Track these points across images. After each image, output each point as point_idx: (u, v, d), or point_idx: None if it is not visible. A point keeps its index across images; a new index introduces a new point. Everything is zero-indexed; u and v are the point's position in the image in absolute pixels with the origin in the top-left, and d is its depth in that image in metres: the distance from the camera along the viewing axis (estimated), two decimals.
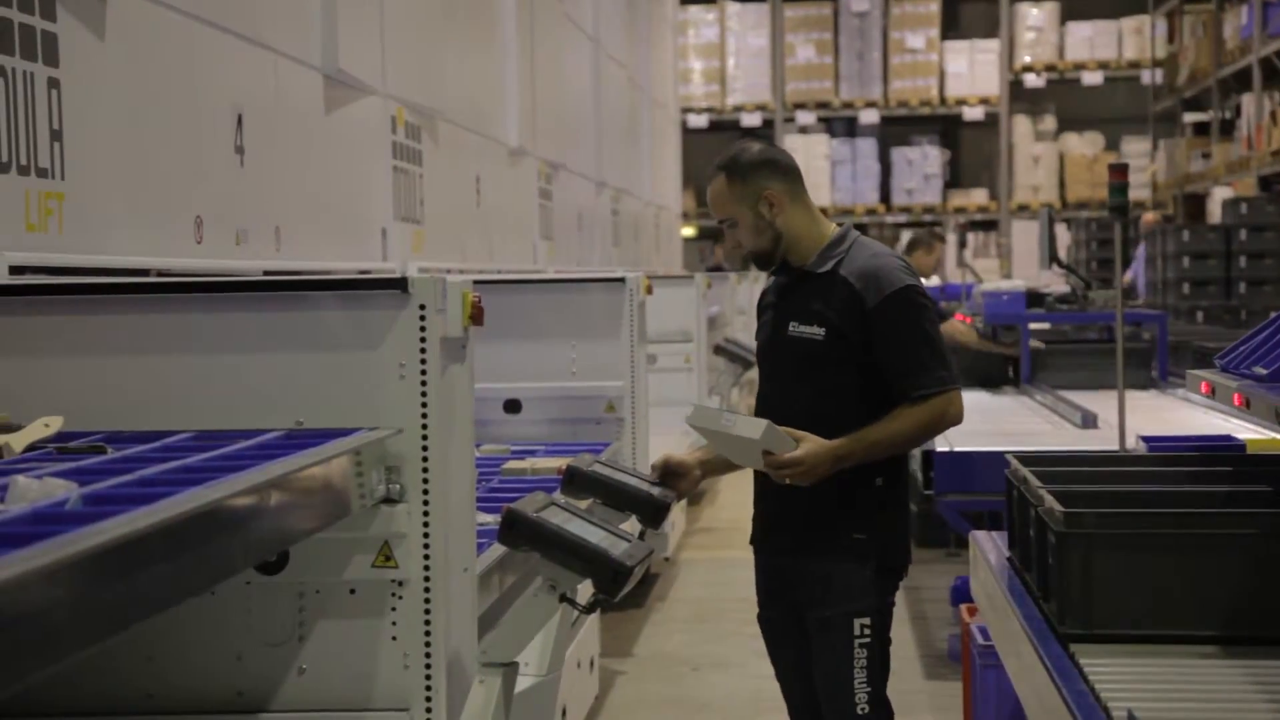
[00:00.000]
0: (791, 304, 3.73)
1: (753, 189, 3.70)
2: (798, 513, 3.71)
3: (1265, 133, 15.39)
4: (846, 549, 3.66)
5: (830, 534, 3.67)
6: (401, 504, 2.76)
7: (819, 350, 3.63)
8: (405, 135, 5.84)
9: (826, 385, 3.63)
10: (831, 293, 3.65)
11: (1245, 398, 3.31)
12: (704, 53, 21.14)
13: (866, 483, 3.65)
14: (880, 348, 3.60)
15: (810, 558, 3.70)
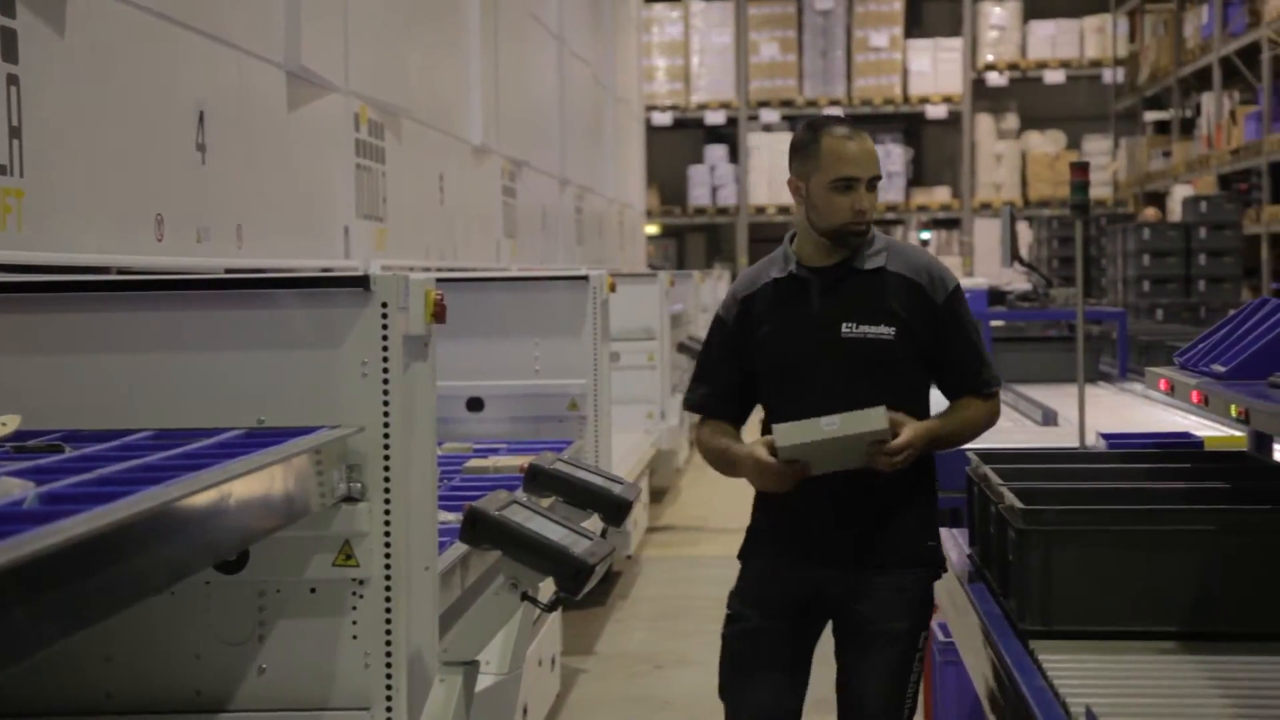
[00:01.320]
0: (838, 304, 3.44)
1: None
2: (871, 521, 3.43)
3: (1225, 131, 15.50)
4: (919, 557, 3.42)
5: (909, 541, 3.42)
6: (363, 503, 2.76)
7: (889, 350, 3.40)
8: (368, 133, 5.82)
9: (897, 385, 3.39)
10: (889, 290, 3.44)
11: (1203, 395, 3.33)
12: (668, 50, 21.15)
13: (929, 488, 3.47)
14: (950, 344, 3.44)
15: (885, 569, 3.40)
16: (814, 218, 3.45)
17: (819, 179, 3.43)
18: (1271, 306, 3.49)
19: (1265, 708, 2.58)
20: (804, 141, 3.49)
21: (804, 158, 3.47)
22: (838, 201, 3.40)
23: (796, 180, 3.49)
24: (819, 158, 3.44)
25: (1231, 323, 3.66)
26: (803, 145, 3.49)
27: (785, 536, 3.52)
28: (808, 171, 3.45)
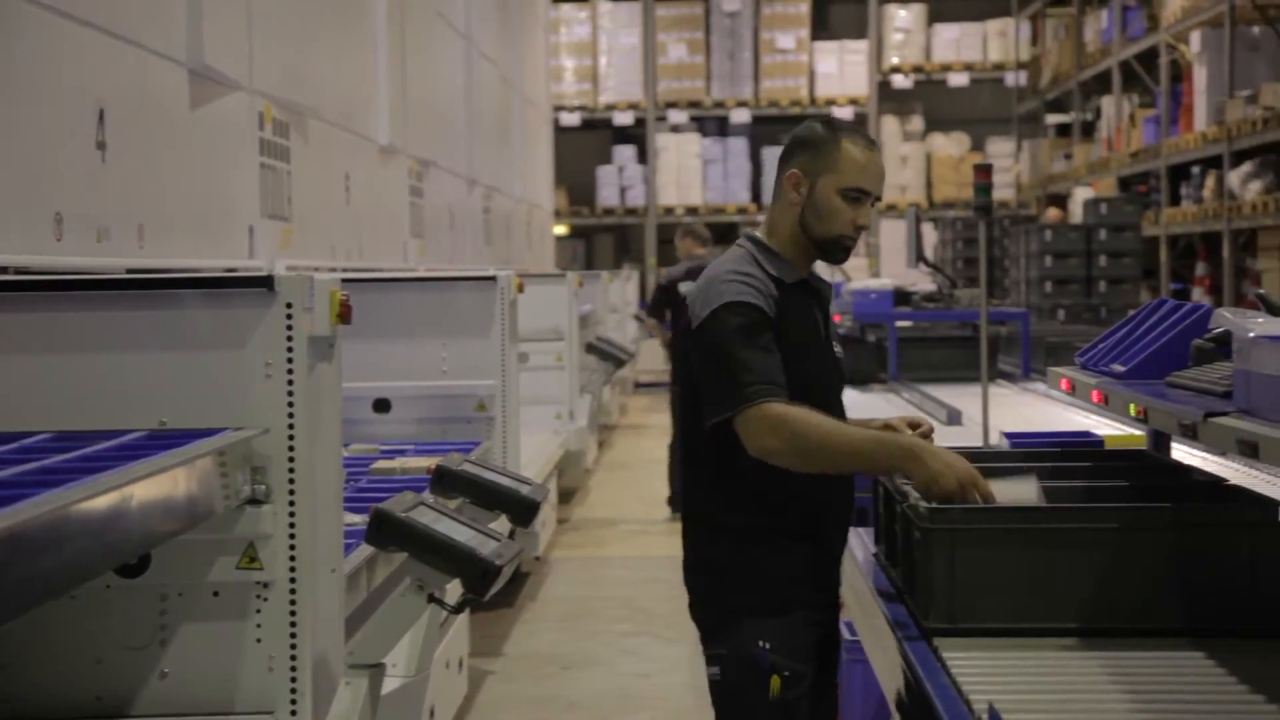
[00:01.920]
0: (826, 320, 3.30)
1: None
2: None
3: (1124, 134, 15.74)
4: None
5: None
6: (267, 505, 2.74)
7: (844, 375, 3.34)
8: (273, 132, 5.77)
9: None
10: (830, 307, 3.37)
11: (1104, 394, 3.38)
12: (576, 51, 21.15)
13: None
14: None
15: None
16: (811, 220, 3.20)
17: (830, 181, 3.18)
18: (1169, 307, 3.55)
19: (1163, 702, 2.63)
20: (820, 139, 3.21)
21: (816, 155, 3.20)
22: (843, 210, 3.18)
23: (800, 176, 3.20)
24: (836, 159, 3.19)
25: (1131, 323, 3.71)
26: (817, 143, 3.21)
27: (818, 575, 3.19)
28: (818, 170, 3.19)
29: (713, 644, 3.13)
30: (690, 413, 3.18)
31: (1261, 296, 3.31)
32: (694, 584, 3.22)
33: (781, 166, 3.25)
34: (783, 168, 3.24)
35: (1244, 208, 12.04)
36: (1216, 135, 12.60)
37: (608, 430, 14.30)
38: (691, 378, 3.17)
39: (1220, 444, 2.60)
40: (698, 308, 3.14)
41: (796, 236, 3.22)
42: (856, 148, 3.21)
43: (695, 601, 3.22)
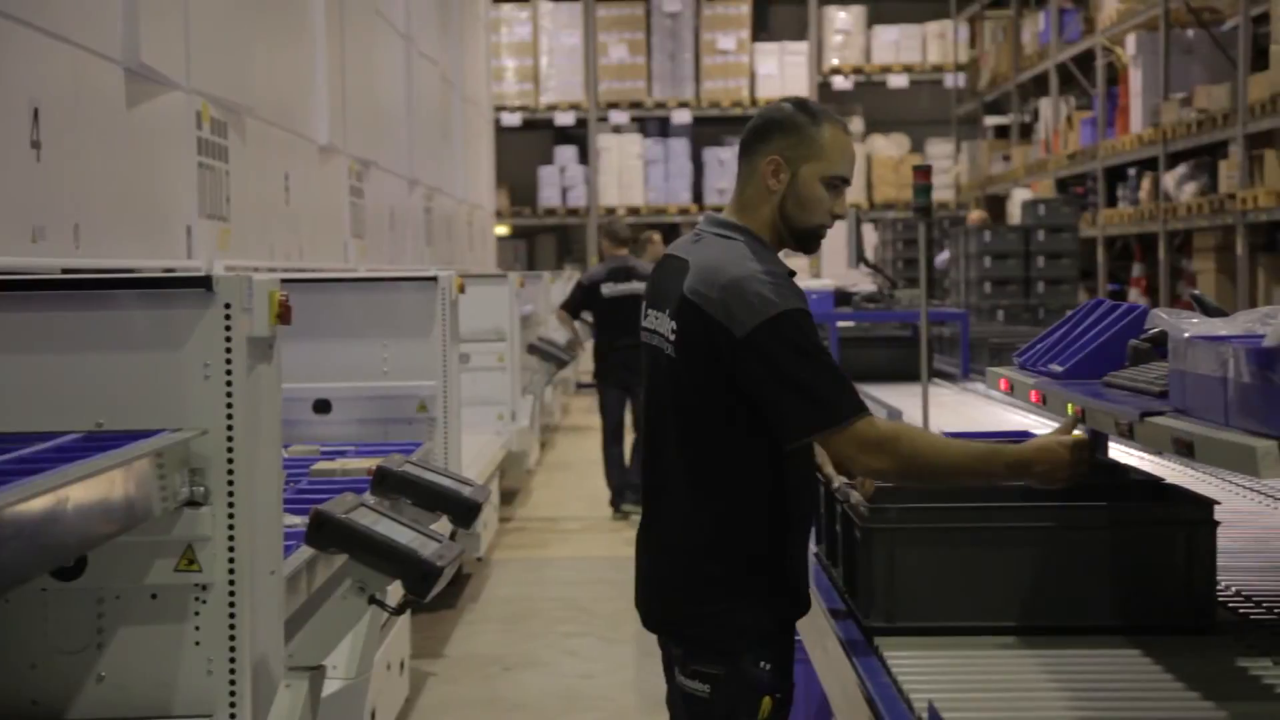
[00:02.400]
0: None
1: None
2: None
3: (1062, 136, 15.87)
4: None
5: None
6: (206, 507, 2.72)
7: None
8: (211, 131, 5.73)
9: None
10: None
11: (1042, 394, 3.40)
12: (517, 51, 21.11)
13: None
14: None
15: None
16: (793, 210, 2.99)
17: (813, 169, 2.97)
18: (1106, 308, 3.58)
19: (1098, 699, 2.65)
20: (800, 123, 3.00)
21: (799, 140, 2.98)
22: (824, 199, 2.99)
23: (781, 162, 2.98)
24: (820, 146, 2.98)
25: (1068, 324, 3.74)
26: (798, 127, 2.99)
27: (805, 590, 3.06)
28: (800, 157, 2.97)
29: (706, 662, 2.92)
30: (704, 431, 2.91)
31: (1196, 297, 3.34)
32: (698, 604, 2.94)
33: (754, 150, 3.02)
34: (757, 152, 3.01)
35: (1179, 209, 12.16)
36: (1152, 137, 12.73)
37: (550, 431, 14.29)
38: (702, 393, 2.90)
39: (1156, 443, 2.62)
40: (739, 315, 2.83)
41: (775, 226, 3.01)
42: (839, 132, 3.01)
43: (694, 618, 2.94)
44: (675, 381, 2.94)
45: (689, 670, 2.95)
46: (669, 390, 2.96)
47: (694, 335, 2.89)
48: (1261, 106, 10.29)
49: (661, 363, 2.98)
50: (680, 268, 2.97)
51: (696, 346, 2.89)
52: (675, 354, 2.93)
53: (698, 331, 2.88)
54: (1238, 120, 10.75)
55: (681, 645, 2.98)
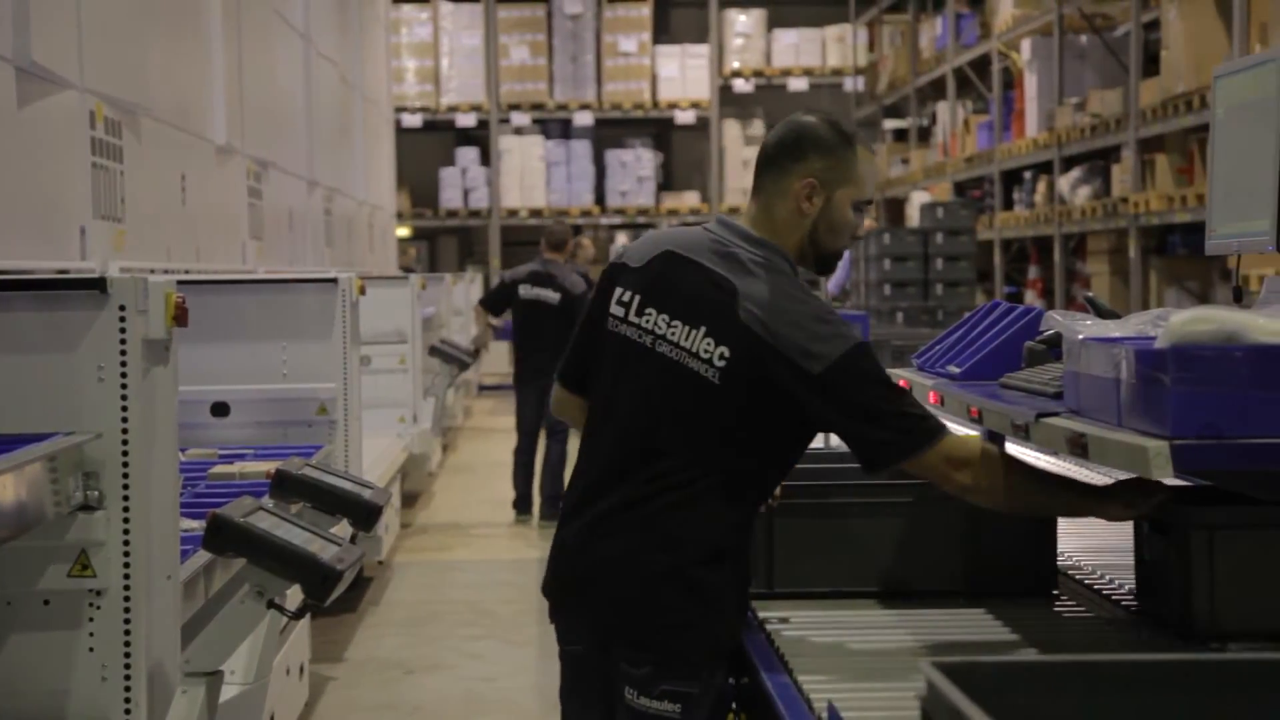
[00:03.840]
0: None
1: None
2: None
3: (959, 140, 16.06)
4: None
5: None
6: (100, 511, 2.68)
7: None
8: (105, 131, 5.65)
9: None
10: None
11: (940, 395, 3.44)
12: (417, 52, 21.01)
13: None
14: None
15: None
16: (824, 234, 2.94)
17: (847, 194, 2.92)
18: (1003, 310, 3.62)
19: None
20: (835, 144, 2.93)
21: (834, 163, 2.92)
22: (853, 224, 2.95)
23: (816, 185, 2.91)
24: (854, 170, 2.93)
25: (966, 325, 3.78)
26: (833, 148, 2.93)
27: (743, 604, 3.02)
28: (835, 181, 2.92)
29: (680, 680, 2.82)
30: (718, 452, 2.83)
31: (1090, 299, 3.39)
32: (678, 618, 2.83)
33: (786, 168, 2.93)
34: (789, 171, 2.92)
35: (1074, 212, 12.35)
36: (1047, 141, 12.91)
37: (452, 433, 14.23)
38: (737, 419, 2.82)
39: (1051, 443, 2.66)
40: (816, 352, 2.78)
41: (803, 247, 2.95)
42: (868, 154, 2.96)
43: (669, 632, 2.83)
44: (705, 402, 2.83)
45: (656, 691, 2.82)
46: (689, 406, 2.84)
47: (752, 367, 2.81)
48: (1153, 111, 10.47)
49: (676, 375, 2.86)
50: (717, 283, 2.87)
51: (751, 378, 2.81)
52: (719, 379, 2.82)
53: (760, 364, 2.80)
54: (1130, 125, 10.94)
55: (648, 662, 2.83)
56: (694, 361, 2.84)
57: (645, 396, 2.89)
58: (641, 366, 2.89)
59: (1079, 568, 3.53)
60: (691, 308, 2.87)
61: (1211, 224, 3.06)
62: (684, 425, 2.85)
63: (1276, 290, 2.81)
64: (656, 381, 2.87)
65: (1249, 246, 2.91)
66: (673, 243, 2.95)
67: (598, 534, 2.89)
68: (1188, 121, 9.93)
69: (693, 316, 2.86)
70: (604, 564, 2.88)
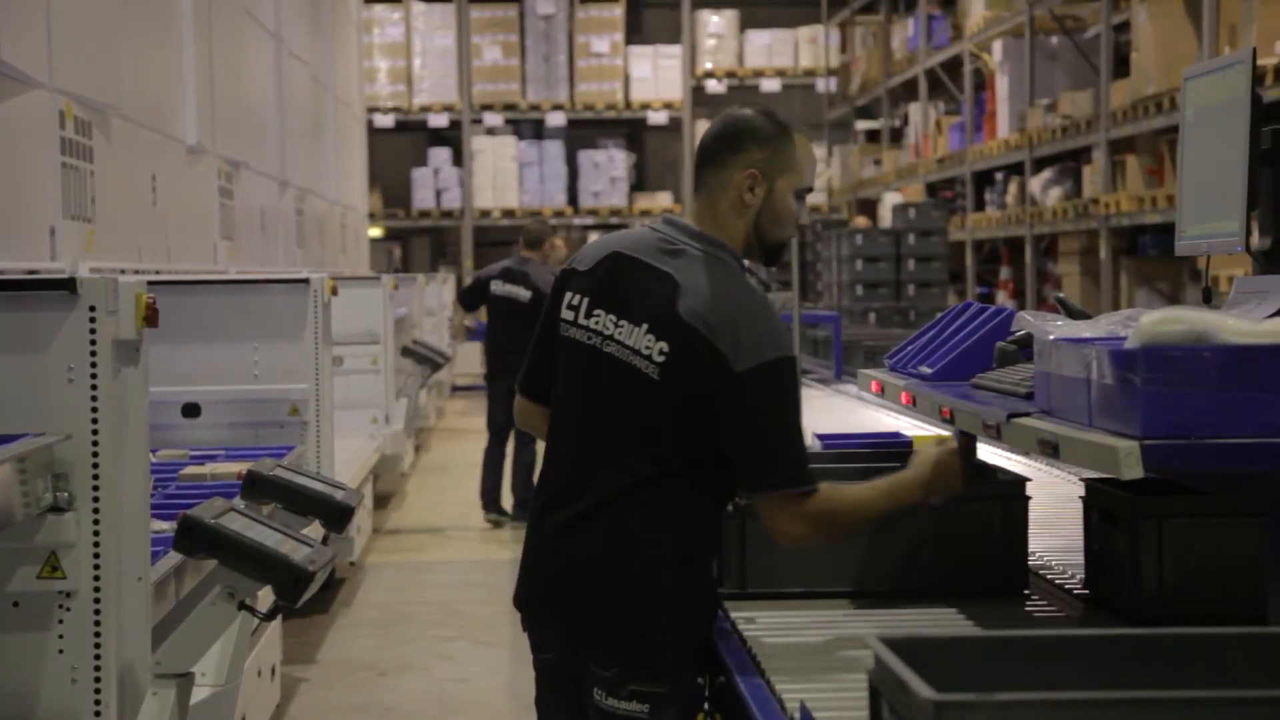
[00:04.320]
0: None
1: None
2: None
3: (931, 141, 16.10)
4: None
5: None
6: (70, 512, 2.67)
7: None
8: (75, 131, 5.63)
9: None
10: None
11: (912, 396, 3.45)
12: (389, 52, 20.97)
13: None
14: None
15: None
16: (768, 225, 2.94)
17: (788, 182, 2.94)
18: (974, 310, 3.63)
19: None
20: (772, 134, 2.94)
21: (773, 152, 2.94)
22: (796, 212, 2.96)
23: (757, 175, 2.92)
24: (793, 157, 2.96)
25: (938, 326, 3.78)
26: (771, 138, 2.94)
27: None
28: (776, 170, 2.93)
29: (647, 681, 2.81)
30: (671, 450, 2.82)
31: (1061, 300, 3.40)
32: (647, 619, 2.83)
33: (726, 161, 2.93)
34: (728, 164, 2.92)
35: (1045, 213, 12.39)
36: (1018, 142, 12.96)
37: (424, 433, 14.21)
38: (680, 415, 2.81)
39: (1022, 444, 2.67)
40: (745, 348, 2.77)
41: (748, 239, 2.95)
42: (804, 141, 2.99)
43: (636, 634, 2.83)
44: (647, 399, 2.82)
45: (625, 691, 2.81)
46: (636, 405, 2.83)
47: (688, 360, 2.79)
48: (1123, 113, 10.52)
49: (623, 375, 2.84)
50: (660, 280, 2.86)
51: (688, 371, 2.80)
52: (658, 375, 2.80)
53: (696, 357, 2.79)
54: (1100, 126, 10.99)
55: (616, 664, 2.82)
56: (637, 359, 2.83)
57: (599, 399, 2.87)
58: (593, 369, 2.88)
59: (1050, 567, 3.54)
60: (636, 306, 2.86)
61: (1181, 225, 3.07)
62: (636, 425, 2.84)
63: (1246, 291, 2.82)
64: (608, 383, 2.86)
65: (1218, 247, 2.92)
66: (620, 244, 2.94)
67: (564, 541, 2.88)
68: (1158, 123, 9.98)
69: (636, 314, 2.85)
70: (571, 570, 2.86)
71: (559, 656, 2.91)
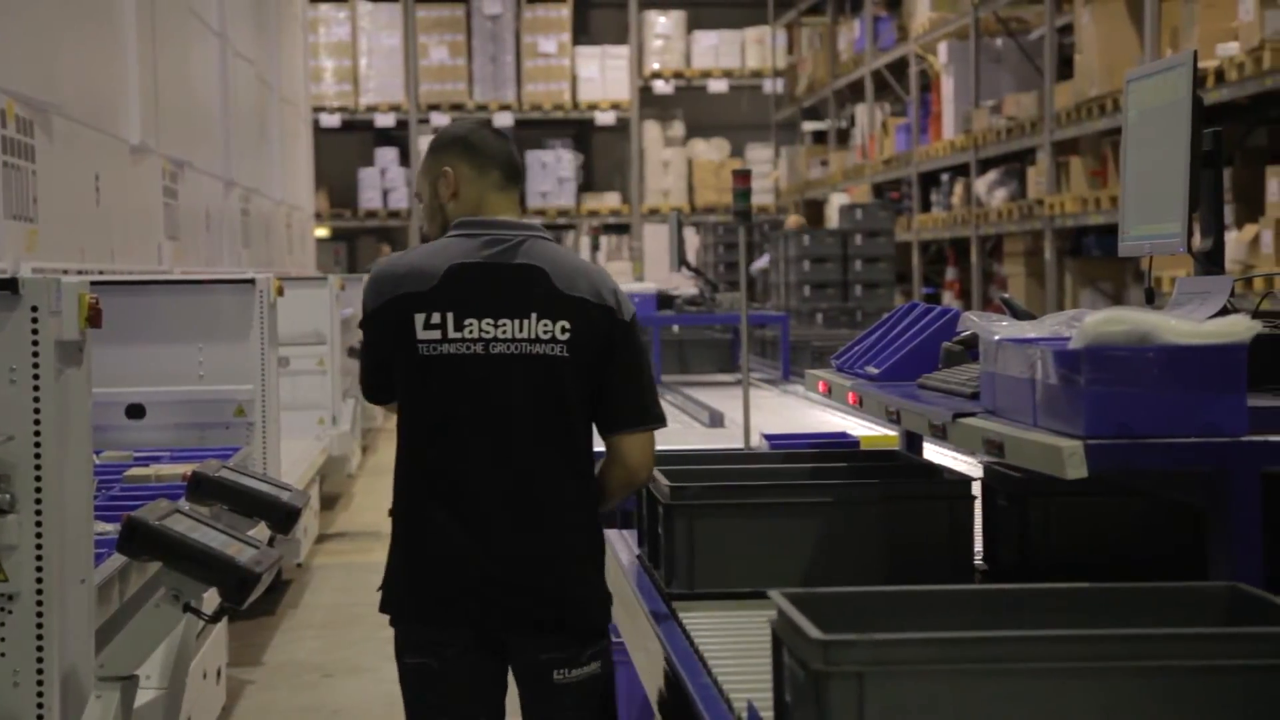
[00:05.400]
0: None
1: (437, 164, 3.25)
2: None
3: (877, 142, 16.17)
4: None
5: None
6: (11, 514, 2.65)
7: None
8: (16, 129, 5.58)
9: None
10: None
11: (859, 396, 3.47)
12: (335, 51, 20.88)
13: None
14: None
15: None
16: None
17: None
18: (920, 311, 3.65)
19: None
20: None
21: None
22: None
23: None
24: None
25: (884, 326, 3.81)
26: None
27: None
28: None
29: (594, 641, 3.11)
30: (584, 421, 3.08)
31: (1006, 300, 3.43)
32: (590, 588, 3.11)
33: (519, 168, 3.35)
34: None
35: (990, 214, 12.47)
36: (964, 144, 13.03)
37: (372, 434, 14.15)
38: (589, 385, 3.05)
39: (968, 444, 2.69)
40: (624, 305, 3.08)
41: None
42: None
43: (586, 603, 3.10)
44: (562, 378, 3.01)
45: (584, 658, 3.07)
46: (548, 389, 3.01)
47: (588, 329, 3.01)
48: (1067, 114, 10.60)
49: (525, 366, 3.00)
50: (523, 271, 3.03)
51: (591, 337, 3.02)
52: (567, 351, 3.00)
53: (592, 323, 3.01)
54: (1045, 128, 11.07)
55: (575, 638, 3.06)
56: (538, 346, 3.00)
57: (500, 399, 3.01)
58: (483, 375, 3.00)
59: (993, 561, 3.56)
60: (510, 301, 3.01)
61: (1124, 226, 3.10)
62: (550, 408, 3.02)
63: (1188, 291, 2.85)
64: (507, 382, 3.00)
65: (1161, 248, 2.95)
66: (445, 258, 3.05)
67: (510, 538, 3.02)
68: (1101, 125, 10.06)
69: (516, 308, 3.01)
70: (527, 565, 3.02)
71: (462, 652, 3.05)
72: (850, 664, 1.80)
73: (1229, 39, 8.27)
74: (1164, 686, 1.83)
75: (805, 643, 1.84)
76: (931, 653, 1.83)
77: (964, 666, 1.82)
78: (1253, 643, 1.86)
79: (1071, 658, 1.83)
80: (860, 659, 1.81)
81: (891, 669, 1.81)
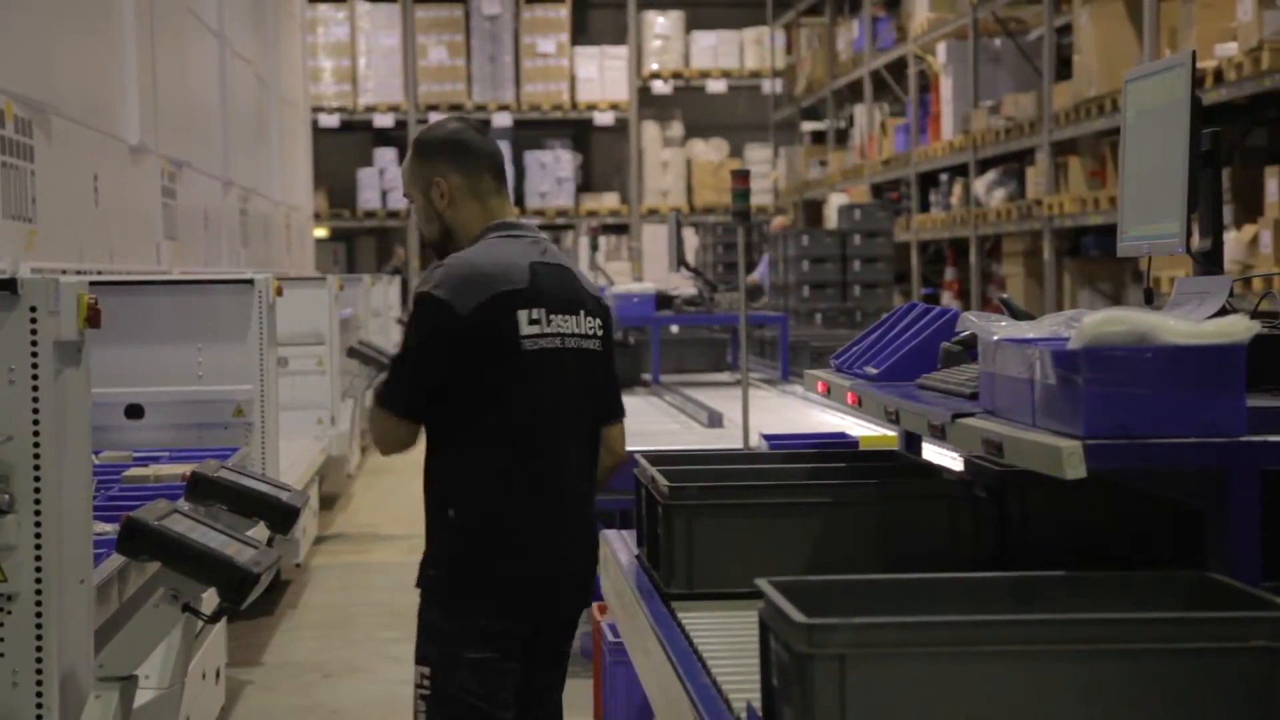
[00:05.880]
0: None
1: (427, 172, 3.33)
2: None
3: (876, 142, 16.18)
4: (426, 586, 3.34)
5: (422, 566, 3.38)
6: (11, 514, 2.65)
7: None
8: (15, 129, 5.58)
9: None
10: None
11: (858, 396, 3.47)
12: (334, 51, 20.88)
13: (439, 514, 3.36)
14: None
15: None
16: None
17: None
18: (919, 311, 3.65)
19: None
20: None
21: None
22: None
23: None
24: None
25: (883, 326, 3.81)
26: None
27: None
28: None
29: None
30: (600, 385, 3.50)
31: (1005, 300, 3.43)
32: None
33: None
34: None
35: (989, 214, 12.47)
36: (963, 144, 13.03)
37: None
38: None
39: (967, 444, 2.69)
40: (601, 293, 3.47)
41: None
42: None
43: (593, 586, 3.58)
44: (596, 371, 3.36)
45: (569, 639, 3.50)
46: (593, 380, 3.35)
47: (607, 324, 3.39)
48: (1065, 115, 10.60)
49: (583, 360, 3.32)
50: (565, 271, 3.35)
51: (609, 334, 3.39)
52: (600, 346, 3.35)
53: (608, 320, 3.40)
54: (1043, 128, 11.07)
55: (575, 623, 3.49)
56: (588, 341, 3.33)
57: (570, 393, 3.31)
58: (560, 368, 3.29)
59: None
60: (570, 298, 3.32)
61: (1123, 226, 3.10)
62: (589, 400, 3.36)
63: (1186, 291, 2.85)
64: (575, 374, 3.32)
65: (1159, 249, 2.95)
66: (519, 257, 3.28)
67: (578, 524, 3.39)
68: (1099, 125, 10.06)
69: (573, 306, 3.31)
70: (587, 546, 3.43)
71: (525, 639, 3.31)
72: (833, 647, 1.90)
73: (1227, 39, 8.27)
74: (1136, 668, 1.94)
75: (790, 627, 1.94)
76: (911, 636, 1.93)
77: (942, 649, 1.92)
78: (1219, 625, 1.96)
79: (1046, 640, 1.94)
80: (843, 642, 1.91)
81: (873, 651, 1.92)
